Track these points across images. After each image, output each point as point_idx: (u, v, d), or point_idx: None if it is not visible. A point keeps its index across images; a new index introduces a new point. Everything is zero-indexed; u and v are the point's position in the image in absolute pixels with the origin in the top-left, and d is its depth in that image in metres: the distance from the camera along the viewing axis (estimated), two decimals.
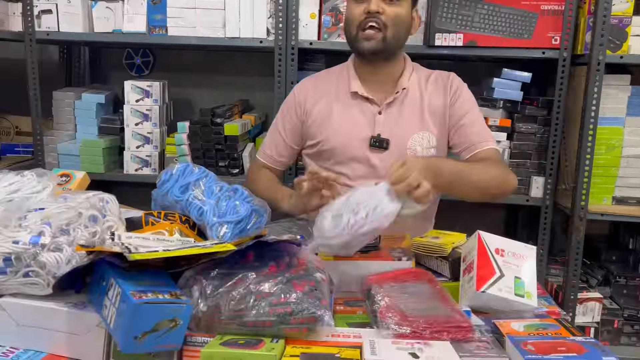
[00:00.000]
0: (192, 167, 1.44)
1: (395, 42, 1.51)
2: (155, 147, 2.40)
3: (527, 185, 2.28)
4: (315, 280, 1.03)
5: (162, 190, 1.44)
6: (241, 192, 1.38)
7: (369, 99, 1.57)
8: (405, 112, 1.56)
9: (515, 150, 2.27)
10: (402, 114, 1.56)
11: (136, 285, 0.95)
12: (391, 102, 1.56)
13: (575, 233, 2.12)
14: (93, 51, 2.77)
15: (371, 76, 1.58)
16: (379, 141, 1.54)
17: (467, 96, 1.61)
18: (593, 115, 2.05)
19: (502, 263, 1.23)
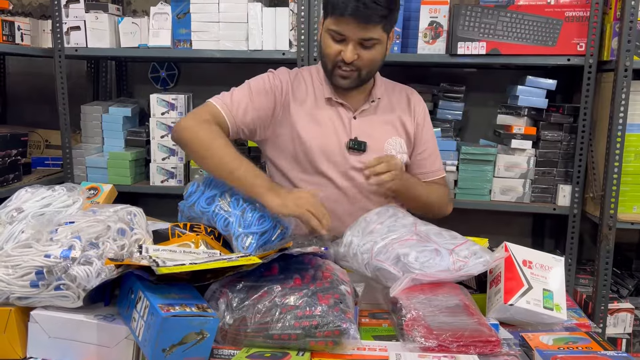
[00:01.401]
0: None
1: (369, 77, 1.56)
2: (180, 159, 2.44)
3: (553, 193, 2.25)
4: (340, 293, 1.03)
5: (188, 202, 1.47)
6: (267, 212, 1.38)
7: (344, 104, 1.58)
8: (379, 118, 1.60)
9: (540, 159, 2.24)
10: (377, 120, 1.60)
11: (164, 298, 0.97)
12: (365, 110, 1.59)
13: (605, 242, 2.07)
14: (119, 65, 2.83)
15: (344, 89, 1.59)
16: (357, 144, 1.56)
17: (428, 121, 1.69)
18: (621, 122, 2.01)
19: (530, 275, 1.21)
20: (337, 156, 1.56)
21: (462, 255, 1.23)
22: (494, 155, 2.24)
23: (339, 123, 1.57)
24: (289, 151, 1.58)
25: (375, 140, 1.57)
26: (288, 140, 1.57)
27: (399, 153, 1.60)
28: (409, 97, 1.68)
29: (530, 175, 2.24)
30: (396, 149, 1.59)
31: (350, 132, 1.57)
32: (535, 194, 2.26)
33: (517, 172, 2.24)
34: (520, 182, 2.25)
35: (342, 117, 1.57)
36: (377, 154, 1.55)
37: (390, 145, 1.59)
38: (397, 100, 1.65)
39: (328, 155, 1.56)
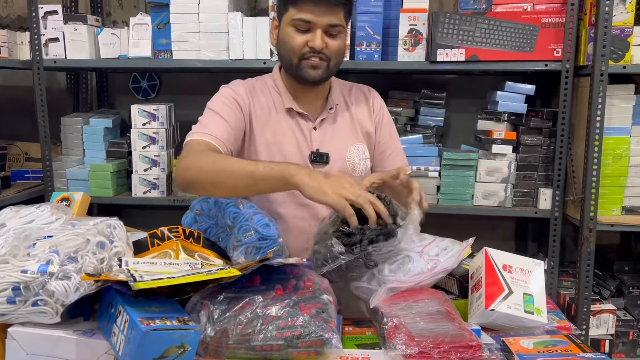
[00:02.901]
0: None
1: (335, 70, 1.53)
2: (162, 170, 2.42)
3: (534, 197, 2.27)
4: (322, 303, 1.03)
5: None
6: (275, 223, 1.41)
7: (303, 115, 1.55)
8: (338, 126, 1.57)
9: (521, 163, 2.26)
10: (336, 128, 1.57)
11: (144, 312, 0.96)
12: (325, 119, 1.56)
13: (586, 244, 2.10)
14: (100, 76, 2.81)
15: (303, 94, 1.55)
16: (319, 156, 1.53)
17: (387, 118, 1.65)
18: (598, 125, 2.04)
19: (510, 279, 1.22)
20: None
21: (433, 253, 1.24)
22: (476, 160, 2.26)
23: (300, 135, 1.54)
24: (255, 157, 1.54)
25: (337, 150, 1.55)
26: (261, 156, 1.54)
27: (361, 160, 1.58)
28: (367, 95, 1.65)
29: (512, 179, 2.26)
30: (359, 156, 1.58)
31: (311, 144, 1.55)
32: (517, 198, 2.28)
33: (498, 177, 2.27)
34: (501, 186, 2.27)
35: (302, 129, 1.55)
36: (340, 163, 1.54)
37: (352, 153, 1.57)
38: (354, 101, 1.63)
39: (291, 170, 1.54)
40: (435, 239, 1.27)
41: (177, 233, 1.39)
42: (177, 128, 2.60)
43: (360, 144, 1.58)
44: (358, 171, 1.56)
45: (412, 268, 1.18)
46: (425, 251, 1.22)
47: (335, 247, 1.16)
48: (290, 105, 1.54)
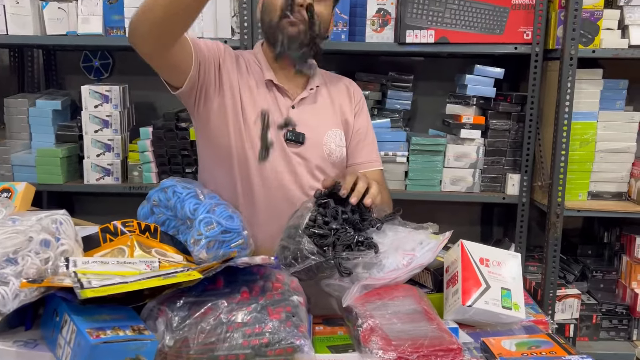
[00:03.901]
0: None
1: (317, 45, 1.45)
2: (117, 155, 2.28)
3: (502, 182, 2.25)
4: (293, 305, 0.95)
5: (162, 185, 1.41)
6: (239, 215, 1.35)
7: (283, 90, 1.47)
8: (318, 108, 1.51)
9: (489, 148, 2.22)
10: (316, 110, 1.50)
11: (93, 321, 0.86)
12: (304, 99, 1.49)
13: (553, 230, 2.09)
14: (47, 54, 2.62)
15: (283, 71, 1.48)
16: (295, 135, 1.44)
17: (366, 110, 1.62)
18: (567, 110, 2.02)
19: (487, 274, 1.17)
20: (276, 145, 1.43)
21: (408, 247, 1.18)
22: (444, 145, 2.22)
23: (276, 111, 1.45)
24: (225, 131, 1.44)
25: (315, 132, 1.47)
26: (229, 112, 1.43)
27: (338, 146, 1.51)
28: (348, 86, 1.61)
29: (480, 165, 2.22)
30: (335, 141, 1.50)
31: None
32: (485, 184, 2.25)
33: (466, 162, 2.23)
34: (469, 172, 2.23)
35: (279, 105, 1.46)
36: (316, 147, 1.47)
37: (329, 137, 1.50)
38: (336, 89, 1.57)
39: None
40: (410, 232, 1.20)
41: (132, 227, 1.28)
42: (133, 111, 2.45)
43: (338, 130, 1.51)
44: (333, 157, 1.49)
45: (386, 264, 1.12)
46: (400, 245, 1.15)
47: (307, 246, 1.08)
48: (269, 77, 1.46)
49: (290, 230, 1.15)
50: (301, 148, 1.45)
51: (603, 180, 2.17)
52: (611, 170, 2.15)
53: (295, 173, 1.44)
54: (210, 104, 1.43)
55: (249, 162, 1.42)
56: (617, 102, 2.16)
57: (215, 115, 1.43)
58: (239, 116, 1.42)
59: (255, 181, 1.43)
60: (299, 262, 1.09)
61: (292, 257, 1.10)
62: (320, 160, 1.47)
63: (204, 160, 1.54)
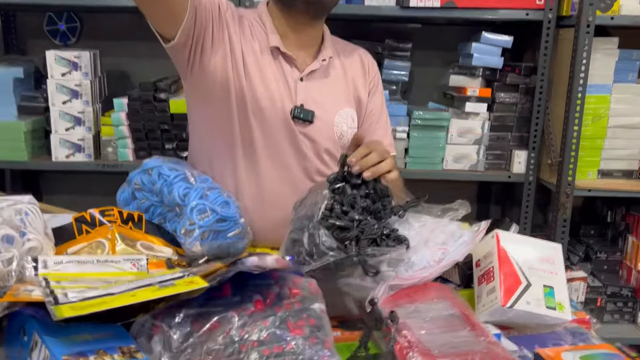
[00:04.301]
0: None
1: (331, 6, 1.27)
2: (88, 129, 2.06)
3: (507, 160, 2.11)
4: (315, 315, 0.79)
5: (145, 165, 1.23)
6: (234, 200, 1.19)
7: (290, 59, 1.27)
8: (330, 84, 1.32)
9: (495, 123, 2.08)
10: (327, 86, 1.32)
11: (71, 343, 0.69)
12: (315, 71, 1.29)
13: (562, 211, 1.97)
14: (5, 16, 2.34)
15: (293, 34, 1.28)
16: (303, 112, 1.26)
17: (381, 88, 1.44)
18: (582, 83, 1.88)
19: (527, 269, 1.03)
20: (282, 121, 1.27)
21: (439, 241, 1.03)
22: (448, 120, 2.06)
23: (283, 84, 1.27)
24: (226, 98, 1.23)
25: (325, 111, 1.29)
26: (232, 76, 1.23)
27: (349, 128, 1.33)
28: (362, 58, 1.41)
29: (485, 141, 2.08)
30: (347, 123, 1.33)
31: (295, 97, 1.28)
32: (489, 161, 2.11)
33: (470, 138, 2.08)
34: (474, 148, 2.09)
35: (286, 76, 1.27)
36: (326, 127, 1.29)
37: (341, 118, 1.32)
38: (349, 61, 1.38)
39: (274, 118, 1.26)
40: (440, 222, 1.05)
41: (112, 216, 1.10)
42: (104, 80, 2.22)
43: (350, 110, 1.33)
44: (344, 140, 1.31)
45: (415, 260, 0.96)
46: (429, 238, 1.00)
47: (324, 240, 0.91)
48: (276, 43, 1.25)
49: (302, 222, 0.99)
50: (309, 128, 1.27)
51: (614, 158, 2.05)
52: (622, 147, 2.04)
53: (301, 155, 1.27)
54: (208, 61, 1.22)
55: (253, 136, 1.24)
56: (629, 74, 2.03)
57: (213, 78, 1.22)
58: (242, 82, 1.22)
59: (261, 161, 1.25)
60: (315, 259, 0.93)
61: (307, 252, 0.94)
62: (330, 143, 1.29)
63: (197, 134, 1.34)
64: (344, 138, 1.32)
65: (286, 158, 1.26)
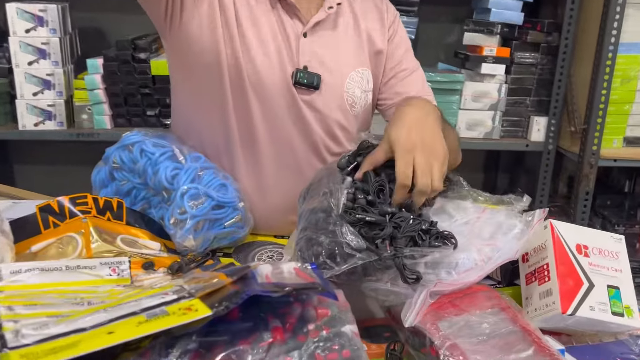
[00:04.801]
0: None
1: None
2: (59, 94, 1.84)
3: (525, 127, 1.93)
4: (348, 342, 0.61)
5: (125, 140, 1.03)
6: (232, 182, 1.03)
7: (293, 8, 1.04)
8: (339, 38, 1.09)
9: (512, 86, 1.90)
10: (336, 41, 1.09)
11: None
12: (321, 22, 1.06)
13: (585, 182, 1.82)
14: None
15: None
16: (307, 77, 1.04)
17: (404, 33, 1.18)
18: (613, 41, 1.69)
19: (588, 267, 0.86)
20: (283, 88, 1.04)
21: (486, 234, 0.85)
22: (461, 83, 1.87)
23: (283, 41, 1.04)
24: (215, 57, 1.01)
25: (333, 74, 1.06)
26: (221, 31, 1.00)
27: (363, 92, 1.11)
28: (377, 2, 1.16)
29: (501, 106, 1.90)
30: (361, 86, 1.10)
31: (297, 58, 1.04)
32: (506, 129, 1.93)
33: (486, 103, 1.89)
34: (489, 114, 1.90)
35: (287, 32, 1.04)
36: (335, 94, 1.06)
37: (353, 81, 1.09)
38: (362, 8, 1.13)
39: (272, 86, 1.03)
40: (485, 210, 0.87)
41: (86, 205, 0.92)
42: (76, 37, 1.99)
43: (365, 70, 1.11)
44: (357, 109, 1.11)
45: (459, 260, 0.78)
46: (473, 232, 0.82)
47: (350, 239, 0.73)
48: None
49: (317, 216, 0.80)
50: (314, 95, 1.05)
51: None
52: None
53: (305, 129, 1.06)
54: (191, 15, 0.99)
55: (249, 107, 1.03)
56: None
57: (198, 34, 1.00)
58: (234, 41, 1.01)
59: (259, 136, 1.05)
60: (338, 263, 0.75)
61: (328, 254, 0.75)
62: (340, 113, 1.08)
63: (182, 104, 1.13)
64: (357, 105, 1.11)
65: (287, 133, 1.05)
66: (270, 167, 1.07)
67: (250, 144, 1.05)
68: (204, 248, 0.97)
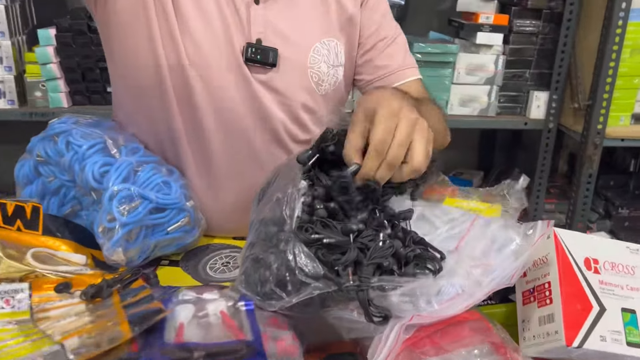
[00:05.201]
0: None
1: None
2: (8, 69, 1.67)
3: (524, 103, 1.77)
4: None
5: (51, 129, 0.89)
6: (178, 177, 0.86)
7: None
8: (299, 4, 0.92)
9: (511, 57, 1.72)
10: (296, 8, 0.91)
11: None
12: None
13: (588, 164, 1.66)
14: None
15: None
16: (261, 52, 0.87)
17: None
18: (624, 7, 1.51)
19: (598, 286, 0.71)
20: (227, 72, 0.87)
21: (477, 252, 0.70)
22: (454, 54, 1.69)
23: (230, 11, 0.86)
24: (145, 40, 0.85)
25: (293, 47, 0.89)
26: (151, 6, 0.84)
27: (331, 67, 0.93)
28: None
29: (498, 80, 1.73)
30: (328, 59, 0.92)
31: (248, 30, 0.87)
32: (503, 105, 1.77)
33: (481, 77, 1.72)
34: (485, 89, 1.73)
35: (234, 1, 0.87)
36: (297, 71, 0.90)
37: (318, 55, 0.91)
38: None
39: (216, 72, 0.87)
40: (475, 219, 0.71)
41: None
42: (31, 4, 1.80)
43: (332, 40, 0.93)
44: (325, 87, 0.94)
45: (443, 288, 0.63)
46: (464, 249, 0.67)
47: (305, 264, 0.58)
48: None
49: (267, 229, 0.64)
50: (272, 73, 0.88)
51: None
52: None
53: (263, 114, 0.89)
54: None
55: (192, 89, 0.86)
56: None
57: (127, 13, 0.84)
58: (169, 13, 0.83)
59: (206, 124, 0.88)
60: (289, 293, 0.60)
61: (277, 281, 0.60)
62: (305, 93, 0.91)
63: (115, 83, 0.96)
64: (325, 84, 0.93)
65: (240, 119, 0.88)
66: (222, 159, 0.90)
67: (196, 133, 0.89)
68: (142, 260, 0.82)
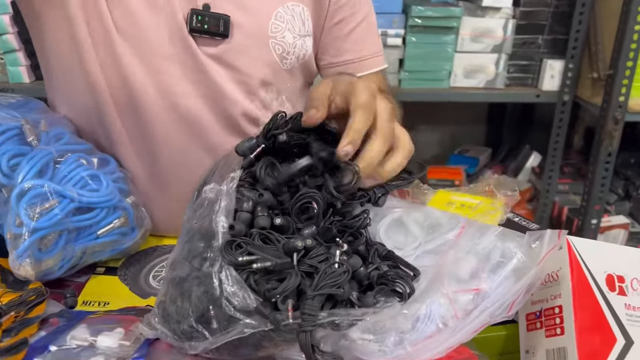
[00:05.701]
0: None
1: None
2: None
3: (536, 73, 1.59)
4: None
5: None
6: (114, 168, 0.73)
7: None
8: None
9: (521, 21, 1.54)
10: None
11: None
12: None
13: (607, 141, 1.49)
14: None
15: None
16: (209, 19, 0.71)
17: None
18: None
19: (624, 312, 0.56)
20: (170, 46, 0.71)
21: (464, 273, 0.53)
22: (458, 18, 1.51)
23: None
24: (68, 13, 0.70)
25: (249, 13, 0.73)
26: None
27: (297, 38, 0.78)
28: None
29: (507, 48, 1.55)
30: (294, 28, 0.77)
31: None
32: (512, 75, 1.59)
33: (488, 45, 1.55)
34: (492, 58, 1.56)
35: None
36: (255, 42, 0.74)
37: (281, 22, 0.76)
38: None
39: (148, 43, 0.71)
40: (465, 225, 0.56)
41: None
42: None
43: (297, 5, 0.76)
44: (291, 60, 0.78)
45: (418, 321, 0.48)
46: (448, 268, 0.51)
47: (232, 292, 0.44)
48: None
49: (193, 244, 0.49)
50: (224, 45, 0.71)
51: None
52: None
53: (214, 93, 0.73)
54: None
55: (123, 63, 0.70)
56: None
57: None
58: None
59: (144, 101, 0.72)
60: (213, 331, 0.45)
61: (198, 316, 0.46)
62: (266, 67, 0.74)
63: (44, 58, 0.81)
64: (290, 56, 0.77)
65: (186, 99, 0.73)
66: (165, 146, 0.75)
67: (132, 116, 0.73)
68: (64, 271, 0.68)
